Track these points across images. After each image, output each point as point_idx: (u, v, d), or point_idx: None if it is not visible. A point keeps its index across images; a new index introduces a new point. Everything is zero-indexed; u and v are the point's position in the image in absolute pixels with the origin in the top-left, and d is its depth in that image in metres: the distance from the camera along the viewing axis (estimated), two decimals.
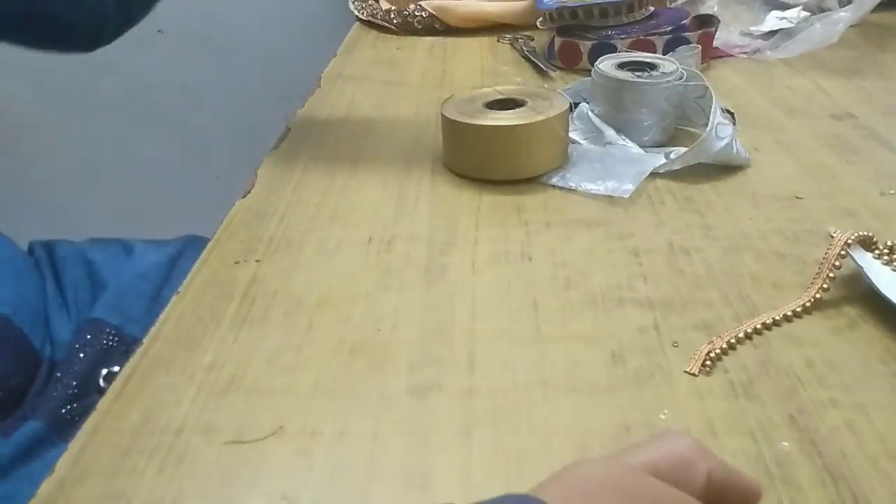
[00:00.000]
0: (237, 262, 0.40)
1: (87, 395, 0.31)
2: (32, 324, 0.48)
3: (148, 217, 0.47)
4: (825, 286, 0.36)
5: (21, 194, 1.09)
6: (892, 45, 0.75)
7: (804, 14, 0.76)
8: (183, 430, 0.29)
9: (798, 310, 0.35)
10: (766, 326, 0.34)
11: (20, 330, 0.46)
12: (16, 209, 1.04)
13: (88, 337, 0.47)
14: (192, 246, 0.58)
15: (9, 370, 0.44)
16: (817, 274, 0.36)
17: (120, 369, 0.32)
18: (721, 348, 0.33)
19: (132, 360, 0.33)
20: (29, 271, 0.53)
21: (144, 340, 0.35)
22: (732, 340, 0.33)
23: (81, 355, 0.45)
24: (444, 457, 0.28)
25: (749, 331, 0.34)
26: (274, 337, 0.35)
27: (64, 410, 0.41)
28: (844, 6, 0.74)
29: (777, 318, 0.35)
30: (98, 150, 1.12)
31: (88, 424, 0.30)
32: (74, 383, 0.43)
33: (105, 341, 0.47)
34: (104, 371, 0.45)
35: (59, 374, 0.44)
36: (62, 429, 0.29)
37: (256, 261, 0.40)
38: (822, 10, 0.76)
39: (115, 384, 0.32)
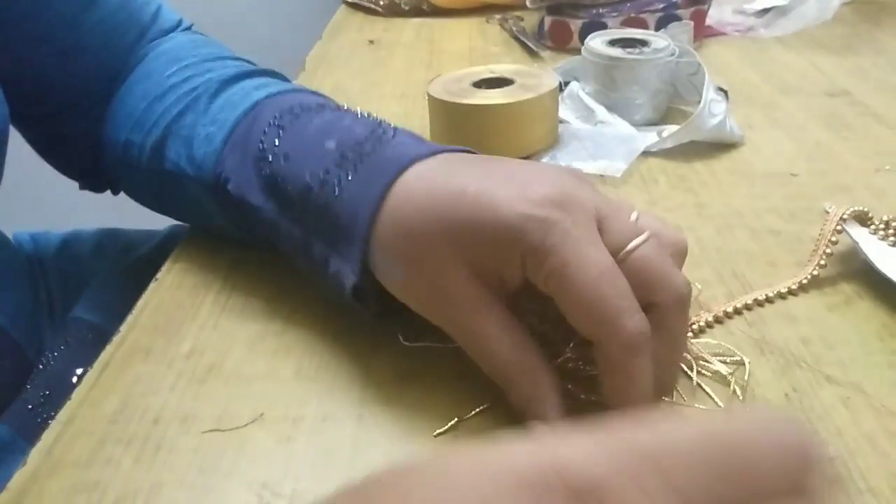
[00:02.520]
0: (218, 249, 0.39)
1: (60, 396, 0.30)
2: (29, 335, 0.46)
3: (135, 205, 0.46)
4: (822, 263, 0.35)
5: (3, 182, 1.07)
6: (887, 22, 0.74)
7: None
8: (160, 419, 0.29)
9: (794, 287, 0.35)
10: (759, 303, 0.34)
11: (16, 342, 0.45)
12: None
13: (67, 339, 0.45)
14: (181, 236, 0.57)
15: (2, 384, 0.42)
16: (813, 251, 0.36)
17: None
18: (706, 321, 0.33)
19: (109, 349, 0.33)
20: (25, 274, 0.51)
21: (121, 328, 0.34)
22: (720, 315, 0.33)
23: (55, 354, 0.44)
24: (431, 443, 0.28)
25: (739, 306, 0.33)
26: (255, 322, 0.34)
27: (34, 414, 0.39)
28: None
29: (770, 294, 0.34)
30: None
31: (62, 414, 0.29)
32: (47, 385, 0.41)
33: (82, 340, 0.46)
34: (78, 371, 0.43)
35: (35, 379, 0.42)
36: (32, 433, 0.28)
37: (238, 247, 0.39)
38: None
39: (91, 373, 0.31)
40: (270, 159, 0.32)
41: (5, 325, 0.43)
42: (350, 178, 0.29)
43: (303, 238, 0.31)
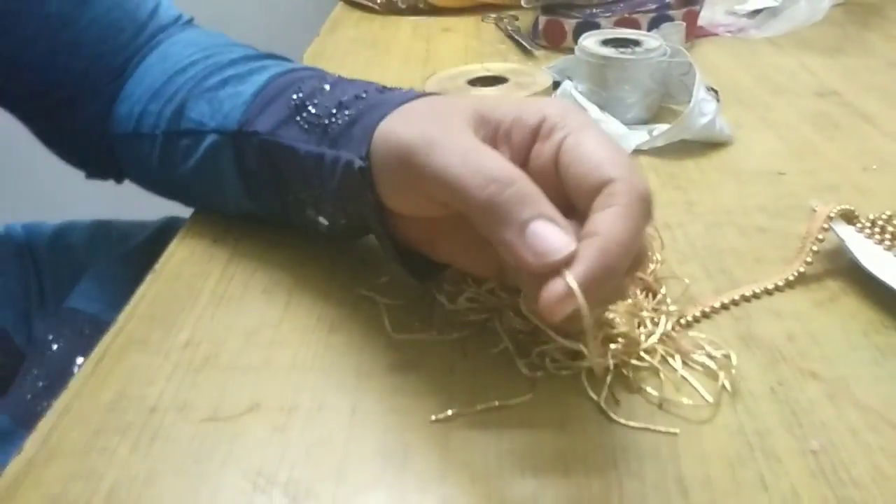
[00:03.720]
0: (215, 241, 0.39)
1: (60, 386, 0.30)
2: (15, 321, 0.46)
3: (128, 197, 0.46)
4: (808, 260, 0.35)
5: None
6: (875, 24, 0.74)
7: None
8: (157, 409, 0.29)
9: (780, 283, 0.35)
10: (746, 299, 0.34)
11: (3, 329, 0.45)
12: None
13: (64, 330, 0.45)
14: (175, 227, 0.57)
15: None
16: (800, 248, 0.36)
17: None
18: (694, 316, 0.33)
19: (105, 339, 0.33)
20: (13, 262, 0.52)
21: (119, 318, 0.34)
22: (708, 310, 0.33)
23: (55, 347, 0.44)
24: (423, 434, 0.28)
25: (726, 301, 0.34)
26: (252, 314, 0.34)
27: (33, 403, 0.39)
28: None
29: (757, 290, 0.34)
30: None
31: (59, 404, 0.29)
32: (46, 375, 0.41)
33: (80, 331, 0.46)
34: (79, 360, 0.43)
35: (33, 369, 0.42)
36: (31, 423, 0.28)
37: (235, 239, 0.40)
38: None
39: (88, 364, 0.31)
40: (305, 93, 0.34)
41: None
42: (374, 99, 0.31)
43: (317, 152, 0.32)
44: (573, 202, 0.26)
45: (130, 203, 0.46)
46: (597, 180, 0.25)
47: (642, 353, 0.31)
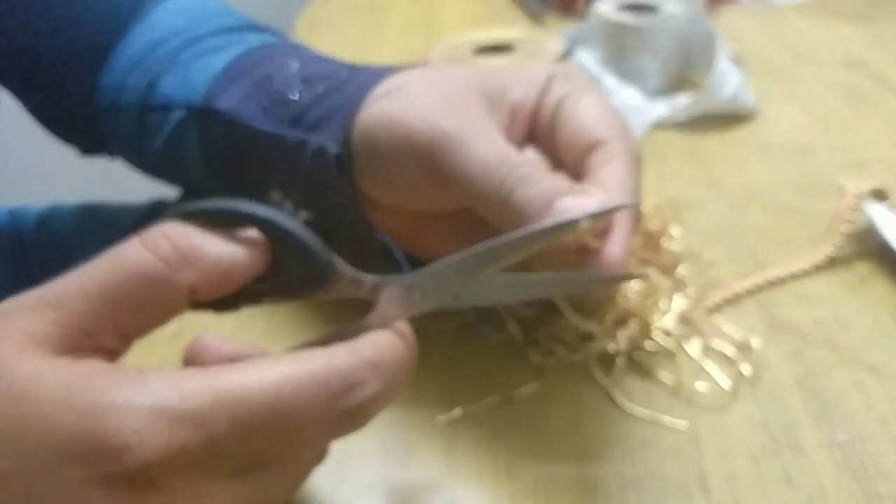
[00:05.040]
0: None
1: None
2: None
3: (115, 179, 0.45)
4: (837, 242, 0.35)
5: None
6: None
7: None
8: None
9: (808, 268, 0.35)
10: (773, 283, 0.34)
11: None
12: None
13: None
14: (161, 211, 0.56)
15: None
16: (829, 228, 0.36)
17: None
18: (716, 302, 0.32)
19: None
20: (4, 251, 0.51)
21: None
22: (732, 295, 0.33)
23: None
24: (427, 430, 0.28)
25: (752, 286, 0.33)
26: None
27: None
28: None
29: (784, 275, 0.34)
30: None
31: None
32: None
33: None
34: None
35: None
36: None
37: None
38: None
39: None
40: (273, 69, 0.33)
41: None
42: (343, 76, 0.31)
43: (275, 133, 0.31)
44: (561, 158, 0.28)
45: (119, 185, 0.45)
46: (592, 138, 0.27)
47: (656, 337, 0.30)
